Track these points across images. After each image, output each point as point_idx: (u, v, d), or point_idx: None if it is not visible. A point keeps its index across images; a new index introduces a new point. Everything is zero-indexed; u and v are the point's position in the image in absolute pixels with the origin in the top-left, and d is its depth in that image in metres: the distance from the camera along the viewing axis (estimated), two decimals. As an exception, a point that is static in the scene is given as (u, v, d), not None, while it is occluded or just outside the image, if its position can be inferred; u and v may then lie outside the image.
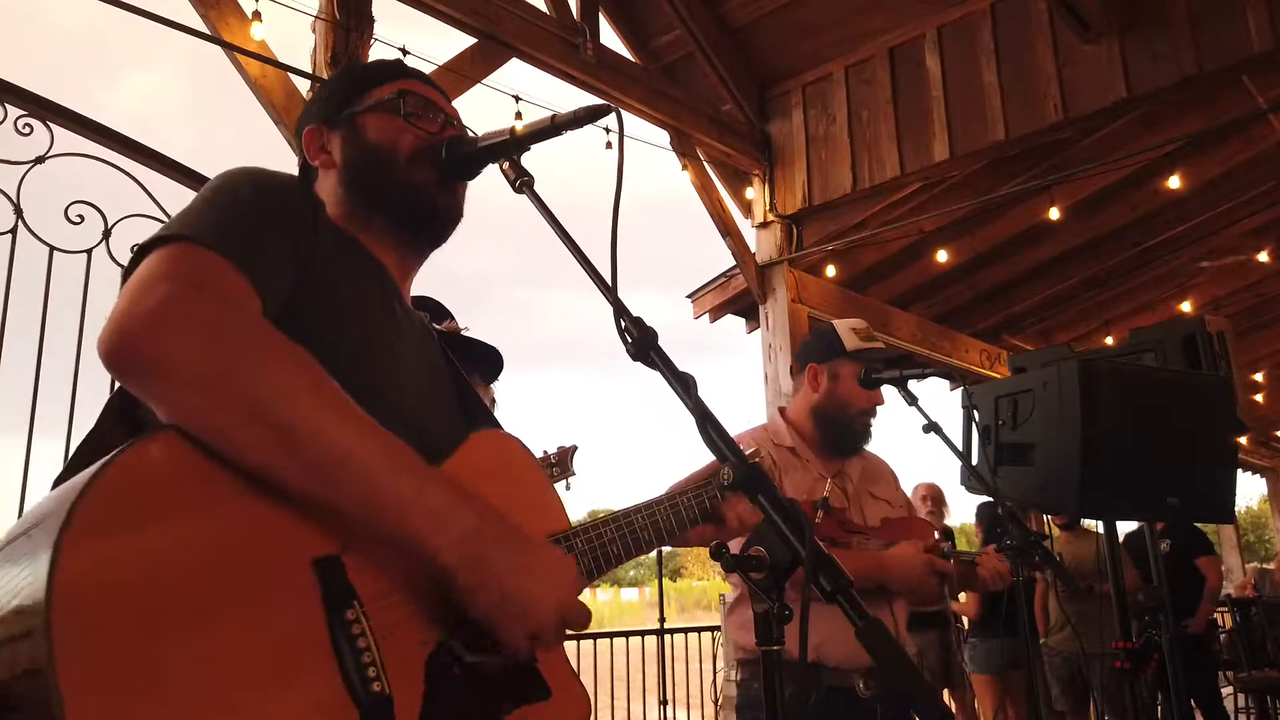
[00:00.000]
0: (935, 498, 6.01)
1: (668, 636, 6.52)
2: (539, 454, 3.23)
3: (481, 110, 1.43)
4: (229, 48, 3.77)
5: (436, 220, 1.31)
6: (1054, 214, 6.43)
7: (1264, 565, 11.95)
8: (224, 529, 0.89)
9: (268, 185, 1.13)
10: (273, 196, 1.12)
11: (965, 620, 5.99)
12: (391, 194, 1.27)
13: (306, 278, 1.10)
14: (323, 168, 1.32)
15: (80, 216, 3.20)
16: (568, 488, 3.10)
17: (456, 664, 1.04)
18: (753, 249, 6.36)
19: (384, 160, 1.27)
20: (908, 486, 6.21)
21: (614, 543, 1.28)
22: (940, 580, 2.37)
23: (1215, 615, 6.75)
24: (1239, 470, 3.25)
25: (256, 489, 0.92)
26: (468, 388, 1.37)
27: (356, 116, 1.30)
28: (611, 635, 6.75)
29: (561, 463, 3.07)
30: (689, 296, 7.33)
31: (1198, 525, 6.39)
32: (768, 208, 6.25)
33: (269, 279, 1.04)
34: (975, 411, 3.11)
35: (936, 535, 2.47)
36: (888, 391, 2.56)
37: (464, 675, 1.05)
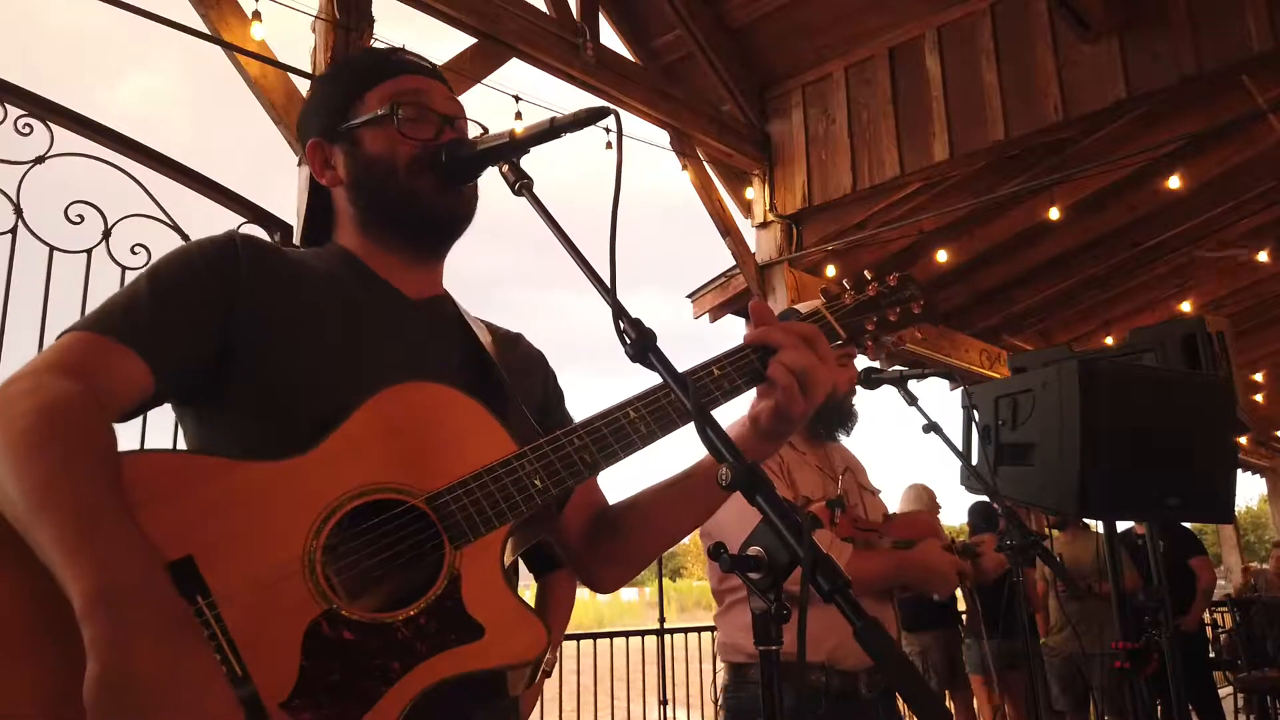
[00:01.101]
0: (933, 498, 6.02)
1: (668, 636, 6.52)
2: None
3: (481, 110, 1.42)
4: (229, 48, 3.77)
5: (442, 226, 1.33)
6: (1054, 214, 6.43)
7: (1262, 565, 11.95)
8: None
9: (173, 263, 1.21)
10: (174, 270, 1.20)
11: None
12: (395, 205, 1.30)
13: (238, 318, 1.18)
14: (330, 185, 1.35)
15: (80, 216, 3.20)
16: None
17: (345, 628, 1.04)
18: (753, 249, 6.35)
19: (384, 173, 1.29)
20: (905, 488, 6.24)
21: (584, 450, 1.19)
22: (958, 577, 2.40)
23: (1214, 615, 6.76)
24: (1239, 470, 3.25)
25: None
26: (490, 379, 1.35)
27: (354, 131, 1.31)
28: (611, 635, 6.76)
29: None
30: (689, 296, 7.33)
31: (1188, 525, 6.40)
32: (768, 208, 6.25)
33: (163, 347, 1.14)
34: (975, 411, 3.11)
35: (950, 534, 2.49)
36: (888, 391, 2.56)
37: (360, 636, 1.04)
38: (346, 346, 1.22)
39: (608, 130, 1.32)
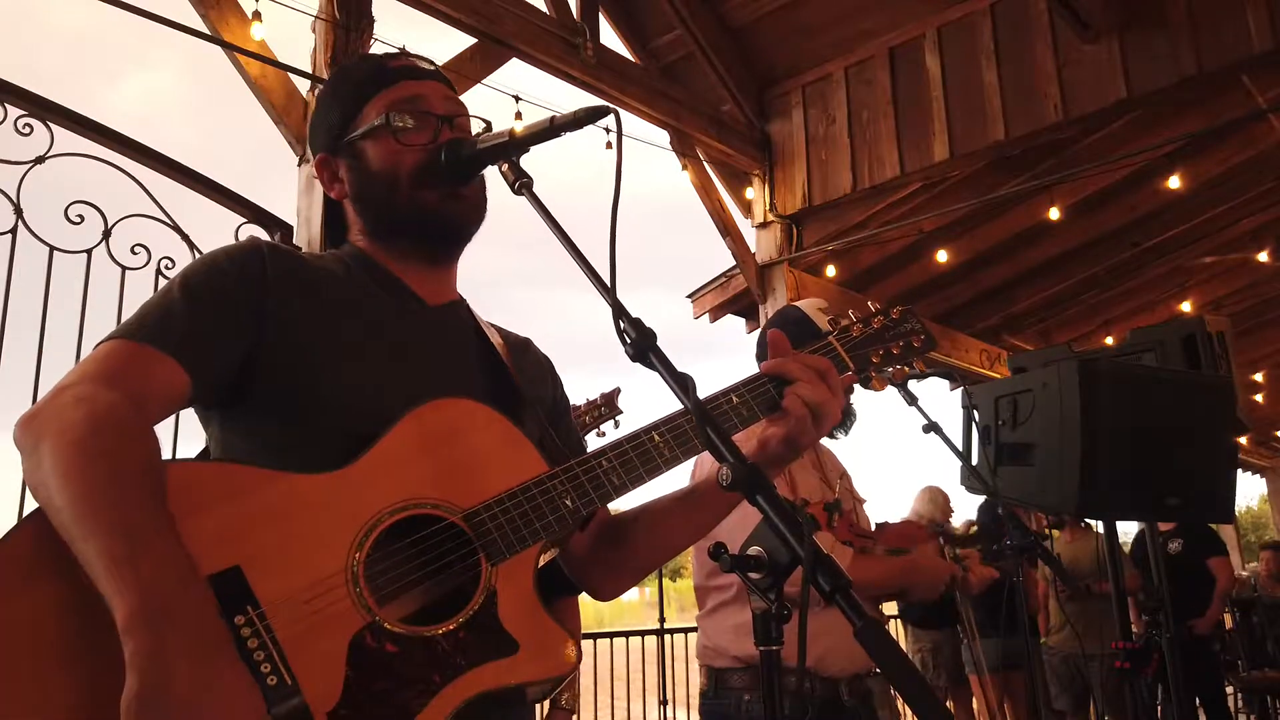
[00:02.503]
0: (947, 500, 6.02)
1: (668, 636, 6.52)
2: (582, 401, 3.38)
3: (481, 110, 1.43)
4: (229, 48, 3.77)
5: (449, 234, 1.34)
6: (1054, 214, 6.43)
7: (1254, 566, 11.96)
8: None
9: (204, 270, 1.23)
10: (205, 278, 1.22)
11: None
12: (403, 217, 1.31)
13: (267, 326, 1.20)
14: (340, 199, 1.37)
15: (80, 216, 3.20)
16: (616, 426, 3.36)
17: (388, 640, 1.07)
18: (753, 249, 6.36)
19: (389, 186, 1.30)
20: (908, 488, 6.23)
21: (613, 472, 1.22)
22: (950, 583, 2.40)
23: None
24: (1239, 470, 3.25)
25: None
26: (505, 384, 1.36)
27: (355, 144, 1.32)
28: (611, 635, 6.75)
29: (609, 403, 3.27)
30: (689, 296, 7.33)
31: (1211, 525, 6.36)
32: (768, 208, 6.25)
33: (200, 354, 1.16)
34: (975, 411, 3.10)
35: (941, 541, 2.49)
36: (887, 391, 2.56)
37: (403, 648, 1.08)
38: (369, 358, 1.24)
39: (608, 130, 1.33)
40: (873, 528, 2.50)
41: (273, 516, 1.08)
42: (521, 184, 1.20)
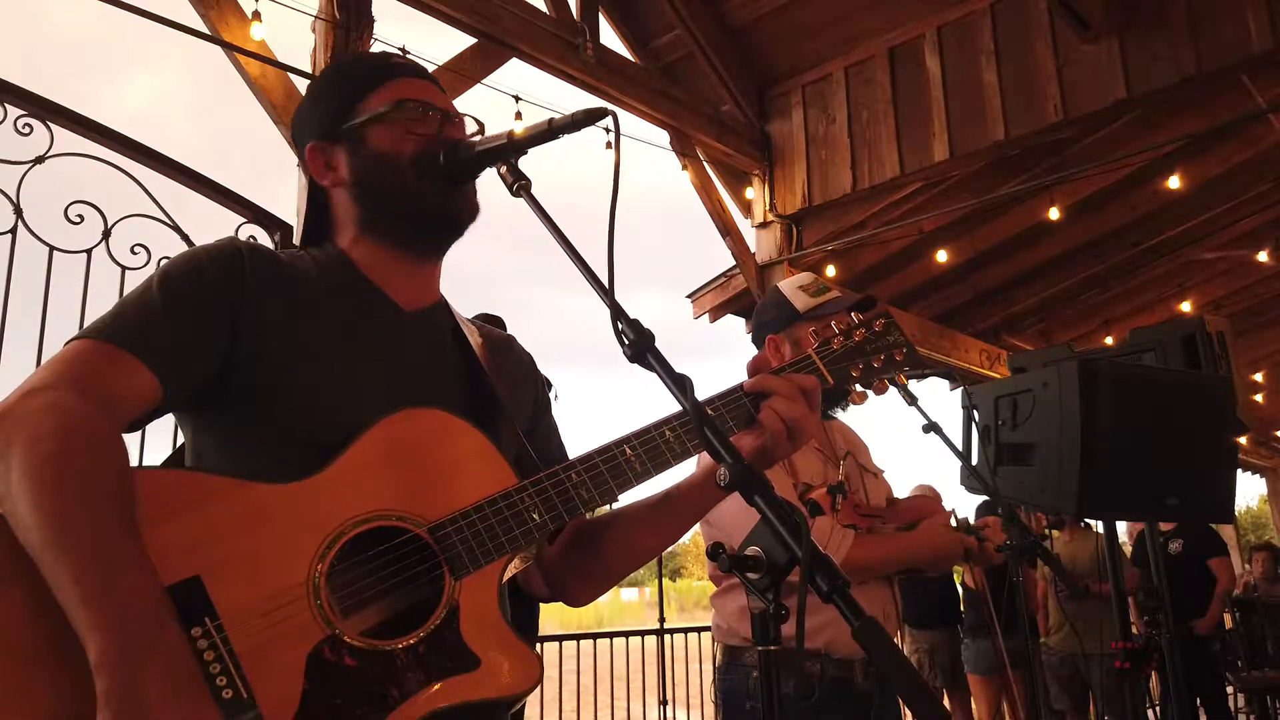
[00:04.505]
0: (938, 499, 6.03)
1: (668, 636, 6.53)
2: None
3: (481, 110, 1.42)
4: (229, 48, 3.77)
5: (446, 224, 1.33)
6: (1054, 214, 6.43)
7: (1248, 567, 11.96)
8: None
9: (183, 271, 1.21)
10: (185, 279, 1.20)
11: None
12: (404, 204, 1.29)
13: (241, 328, 1.18)
14: (332, 186, 1.34)
15: (80, 216, 3.21)
16: None
17: (347, 653, 1.06)
18: (753, 249, 6.36)
19: (393, 170, 1.28)
20: (908, 488, 6.24)
21: (582, 486, 1.21)
22: (964, 552, 2.37)
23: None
24: (1239, 470, 3.25)
25: None
26: (484, 390, 1.35)
27: (359, 129, 1.30)
28: (611, 635, 6.75)
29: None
30: (689, 296, 7.33)
31: (1211, 525, 6.36)
32: (768, 208, 6.25)
33: (173, 360, 1.14)
34: (975, 411, 3.11)
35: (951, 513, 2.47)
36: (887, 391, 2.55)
37: (362, 662, 1.07)
38: (342, 365, 1.23)
39: (607, 130, 1.32)
40: (886, 503, 2.49)
41: (236, 526, 1.07)
42: (520, 186, 1.20)
